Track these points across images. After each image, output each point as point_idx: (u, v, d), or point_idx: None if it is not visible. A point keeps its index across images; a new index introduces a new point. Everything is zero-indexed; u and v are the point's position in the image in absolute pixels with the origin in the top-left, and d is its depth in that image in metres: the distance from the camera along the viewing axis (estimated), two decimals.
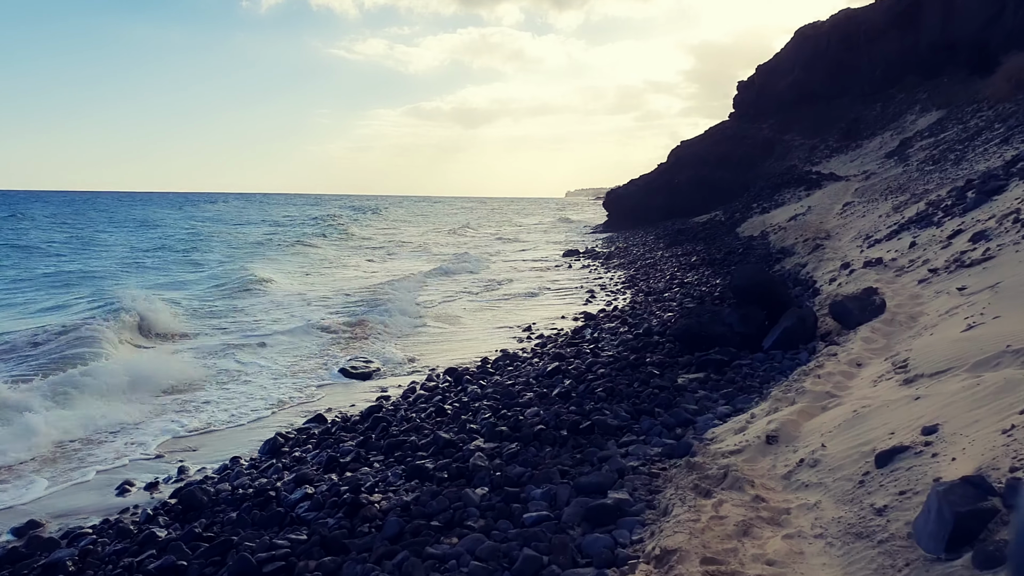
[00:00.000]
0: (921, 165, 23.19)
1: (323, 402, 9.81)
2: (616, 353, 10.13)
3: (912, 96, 39.12)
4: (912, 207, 15.88)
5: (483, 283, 24.10)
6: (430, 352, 12.87)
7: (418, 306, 18.28)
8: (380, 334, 14.46)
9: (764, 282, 8.83)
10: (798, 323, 8.22)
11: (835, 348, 7.05)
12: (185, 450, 7.89)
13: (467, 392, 8.90)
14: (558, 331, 14.04)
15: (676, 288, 18.18)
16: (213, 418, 8.96)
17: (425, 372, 11.18)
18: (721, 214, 32.69)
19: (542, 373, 9.25)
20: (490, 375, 10.08)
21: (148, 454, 7.73)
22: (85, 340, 12.33)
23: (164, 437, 8.31)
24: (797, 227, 21.42)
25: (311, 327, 14.65)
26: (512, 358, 11.04)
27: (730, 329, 8.75)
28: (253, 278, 22.54)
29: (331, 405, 9.48)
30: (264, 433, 8.10)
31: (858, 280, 10.47)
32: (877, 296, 8.35)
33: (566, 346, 12.01)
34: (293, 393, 10.23)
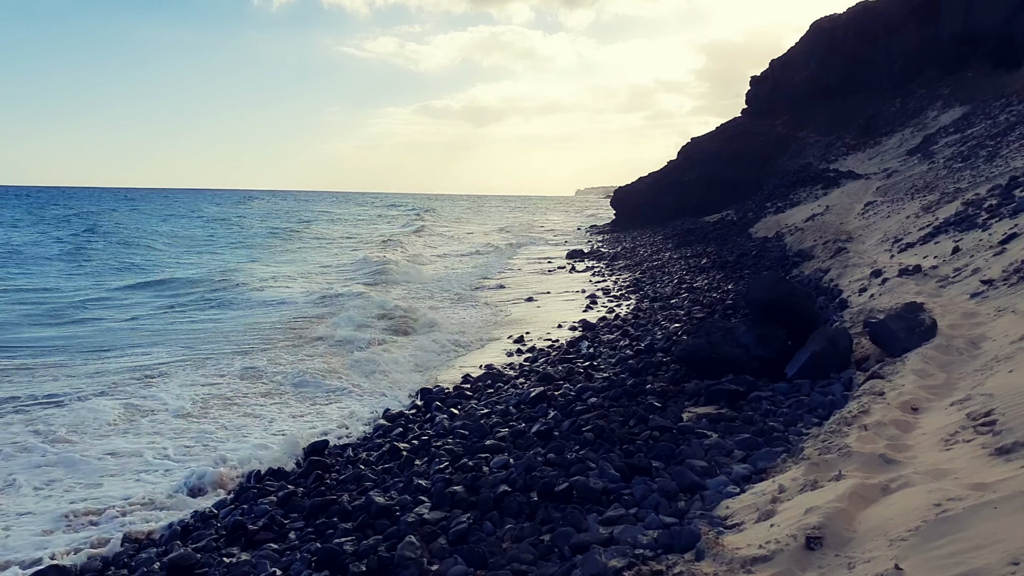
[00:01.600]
0: (948, 162, 21.65)
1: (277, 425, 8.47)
2: (613, 375, 8.76)
3: (933, 91, 37.43)
4: (946, 207, 14.39)
5: (476, 286, 22.73)
6: (401, 368, 11.49)
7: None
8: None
9: (786, 295, 7.42)
10: (829, 346, 6.81)
11: (879, 384, 5.64)
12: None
13: (434, 423, 7.55)
14: (552, 343, 12.68)
15: (684, 293, 16.77)
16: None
17: (397, 392, 9.85)
18: (733, 213, 31.19)
19: (525, 399, 7.90)
20: (467, 398, 8.74)
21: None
22: None
23: None
24: (815, 228, 19.94)
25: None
26: (496, 377, 9.68)
27: (746, 352, 7.35)
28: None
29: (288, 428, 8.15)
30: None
31: (894, 291, 9.04)
32: (925, 314, 6.93)
33: (558, 362, 10.65)
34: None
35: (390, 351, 12.33)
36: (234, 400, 9.38)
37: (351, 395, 9.75)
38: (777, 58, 49.25)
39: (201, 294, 19.96)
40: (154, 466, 6.85)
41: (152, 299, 19.39)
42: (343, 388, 10.04)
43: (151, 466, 6.86)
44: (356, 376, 10.68)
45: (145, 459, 7.05)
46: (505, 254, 35.00)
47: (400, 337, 13.93)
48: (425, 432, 7.28)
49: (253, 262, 29.37)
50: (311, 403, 9.39)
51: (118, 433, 7.89)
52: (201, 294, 19.96)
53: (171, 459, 7.11)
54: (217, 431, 8.07)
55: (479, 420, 7.24)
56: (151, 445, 7.51)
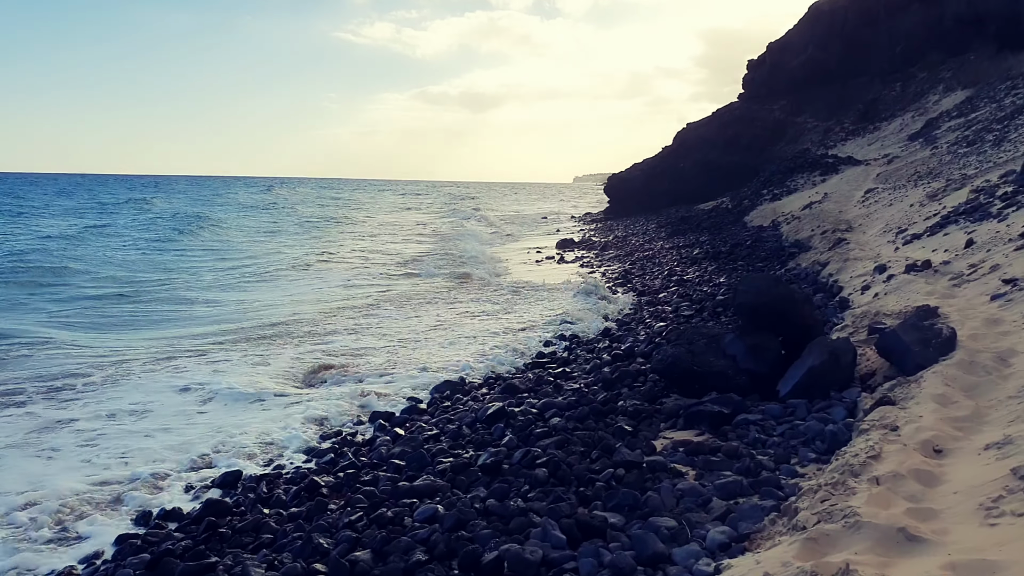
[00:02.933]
0: (953, 147, 20.61)
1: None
2: (584, 386, 7.75)
3: (935, 75, 36.32)
4: (953, 194, 13.37)
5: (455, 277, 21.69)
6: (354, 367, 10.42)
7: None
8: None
9: (780, 299, 6.39)
10: (829, 361, 5.79)
11: (891, 413, 4.62)
12: None
13: (373, 448, 6.54)
14: (527, 344, 11.69)
15: (674, 287, 15.76)
16: None
17: (350, 401, 8.81)
18: (728, 201, 30.13)
19: (481, 417, 6.89)
20: (419, 414, 7.72)
21: None
22: None
23: None
24: (813, 217, 18.91)
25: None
26: (456, 387, 8.65)
27: (733, 364, 6.33)
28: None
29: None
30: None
31: (902, 290, 8.03)
32: (940, 321, 5.91)
33: (530, 368, 9.65)
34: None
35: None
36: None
37: (291, 405, 8.65)
38: (775, 41, 48.02)
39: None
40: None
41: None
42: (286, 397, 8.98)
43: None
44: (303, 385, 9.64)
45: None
46: (492, 242, 33.90)
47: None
48: (361, 458, 6.27)
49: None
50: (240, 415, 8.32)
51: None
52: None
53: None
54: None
55: (422, 445, 6.23)
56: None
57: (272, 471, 6.29)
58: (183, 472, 6.39)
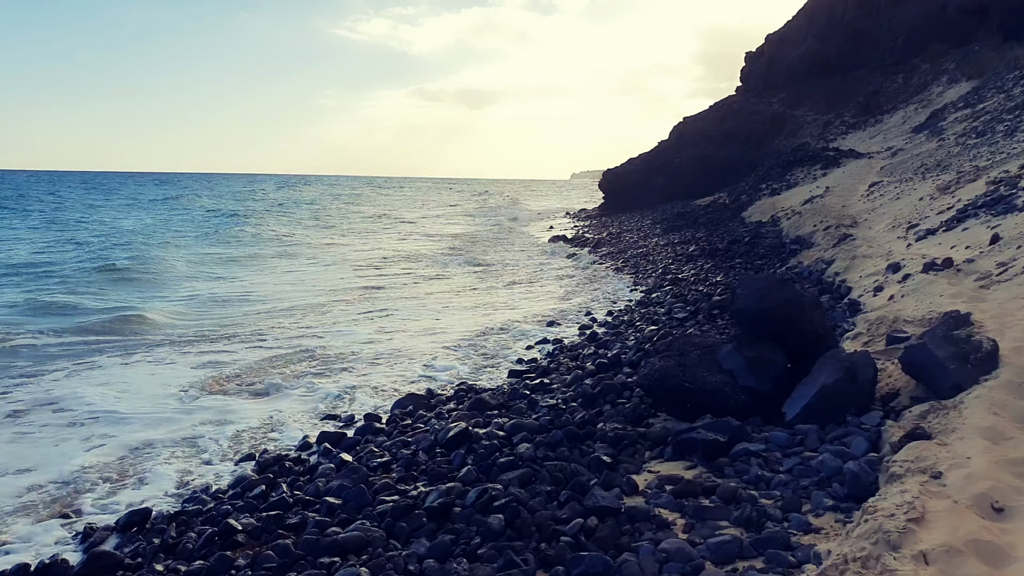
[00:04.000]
0: (961, 139, 19.68)
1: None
2: (562, 402, 6.84)
3: (938, 66, 35.37)
4: (968, 187, 12.45)
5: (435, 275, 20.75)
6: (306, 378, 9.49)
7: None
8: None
9: (786, 304, 5.47)
10: (845, 379, 4.87)
11: (929, 450, 3.70)
12: None
13: (313, 479, 5.62)
14: (510, 347, 10.80)
15: (668, 286, 14.86)
16: None
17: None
18: (725, 196, 29.19)
19: (442, 439, 5.97)
20: (375, 434, 6.80)
21: None
22: None
23: None
24: (815, 211, 18.00)
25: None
26: (420, 402, 7.73)
27: (730, 380, 5.41)
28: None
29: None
30: None
31: (922, 292, 7.11)
32: (975, 330, 5.00)
33: (509, 376, 8.76)
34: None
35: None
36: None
37: (228, 424, 7.68)
38: (773, 33, 47.06)
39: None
40: None
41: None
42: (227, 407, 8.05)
43: None
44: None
45: None
46: (486, 238, 32.96)
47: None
48: (296, 491, 5.35)
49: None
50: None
51: None
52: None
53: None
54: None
55: (367, 478, 5.31)
56: None
57: (192, 507, 5.36)
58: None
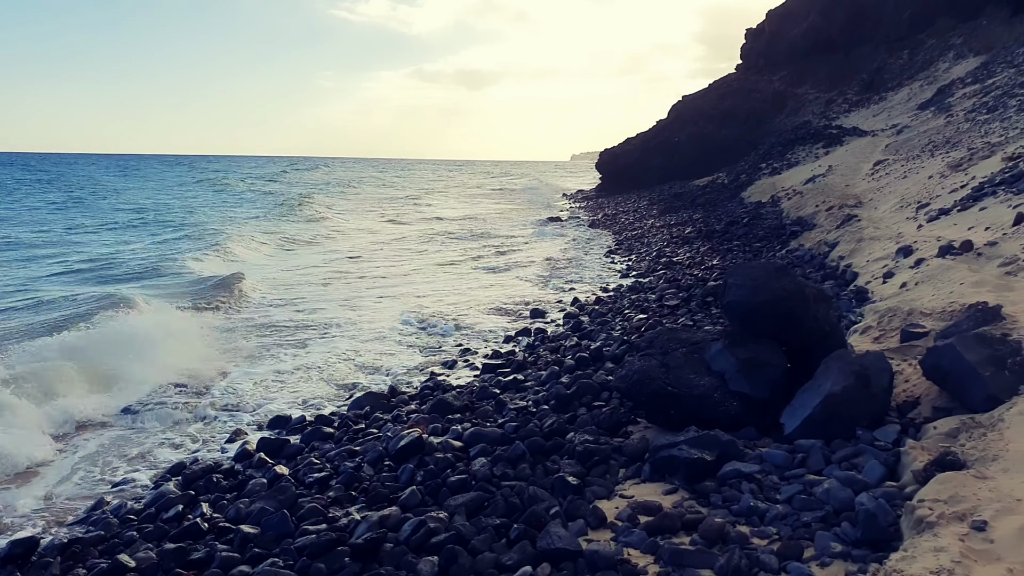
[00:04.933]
0: (971, 114, 18.79)
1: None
2: (533, 403, 6.08)
3: (945, 41, 34.33)
4: (981, 163, 11.61)
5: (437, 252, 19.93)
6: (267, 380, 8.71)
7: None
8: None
9: (786, 297, 4.67)
10: (855, 386, 4.09)
11: (965, 486, 2.93)
12: None
13: (239, 496, 4.86)
14: (485, 341, 10.05)
15: (662, 270, 14.08)
16: None
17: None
18: (724, 176, 28.30)
19: (392, 449, 5.22)
20: (323, 440, 6.04)
21: None
22: None
23: None
24: (817, 191, 17.15)
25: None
26: (379, 401, 6.96)
27: (720, 384, 4.63)
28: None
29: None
30: None
31: (939, 279, 6.32)
32: (1008, 326, 4.21)
33: (483, 372, 7.99)
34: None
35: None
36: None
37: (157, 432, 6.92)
38: (775, 8, 45.84)
39: None
40: None
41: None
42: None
43: None
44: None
45: None
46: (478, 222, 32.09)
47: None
48: (215, 514, 4.60)
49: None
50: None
51: None
52: None
53: None
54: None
55: (295, 499, 4.56)
56: None
57: (93, 533, 4.61)
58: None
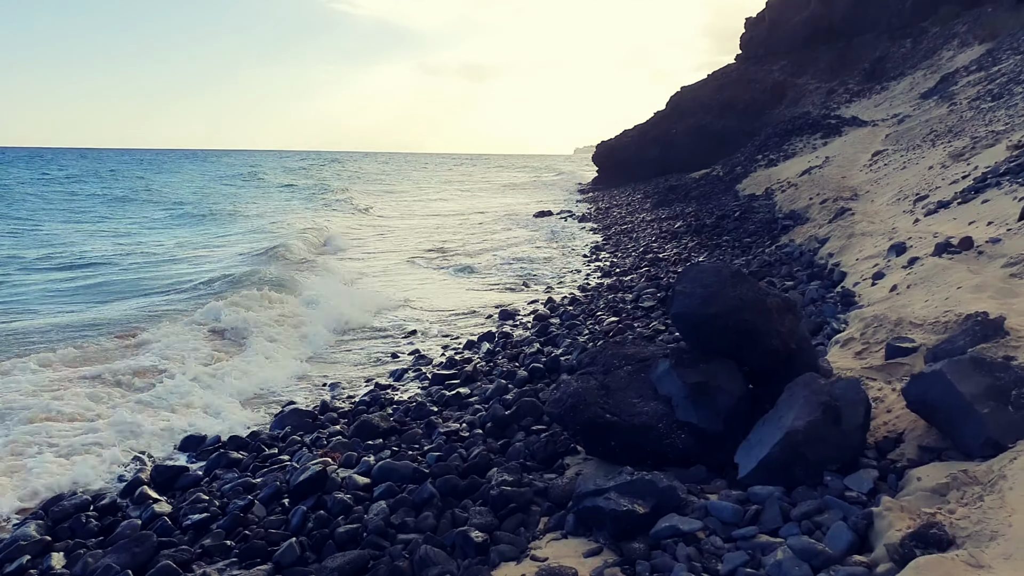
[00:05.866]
0: (975, 103, 17.92)
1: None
2: (467, 425, 5.33)
3: (949, 29, 33.37)
4: (984, 152, 10.80)
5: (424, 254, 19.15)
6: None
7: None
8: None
9: (743, 307, 3.88)
10: (823, 422, 3.31)
11: (955, 570, 2.14)
12: None
13: (105, 542, 4.13)
14: (451, 340, 9.31)
15: (646, 267, 13.33)
16: None
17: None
18: (720, 168, 27.45)
19: (294, 484, 4.47)
20: (228, 467, 5.29)
21: None
22: None
23: None
24: (812, 183, 16.33)
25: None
26: (303, 420, 6.20)
27: (667, 412, 3.86)
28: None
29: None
30: None
31: (933, 281, 5.53)
32: (1013, 343, 3.43)
33: (432, 380, 7.24)
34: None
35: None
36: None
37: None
38: None
39: None
40: None
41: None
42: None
43: None
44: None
45: None
46: (465, 215, 31.27)
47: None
48: (73, 562, 3.86)
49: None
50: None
51: None
52: None
53: None
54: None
55: (152, 550, 3.82)
56: None
57: None
58: None
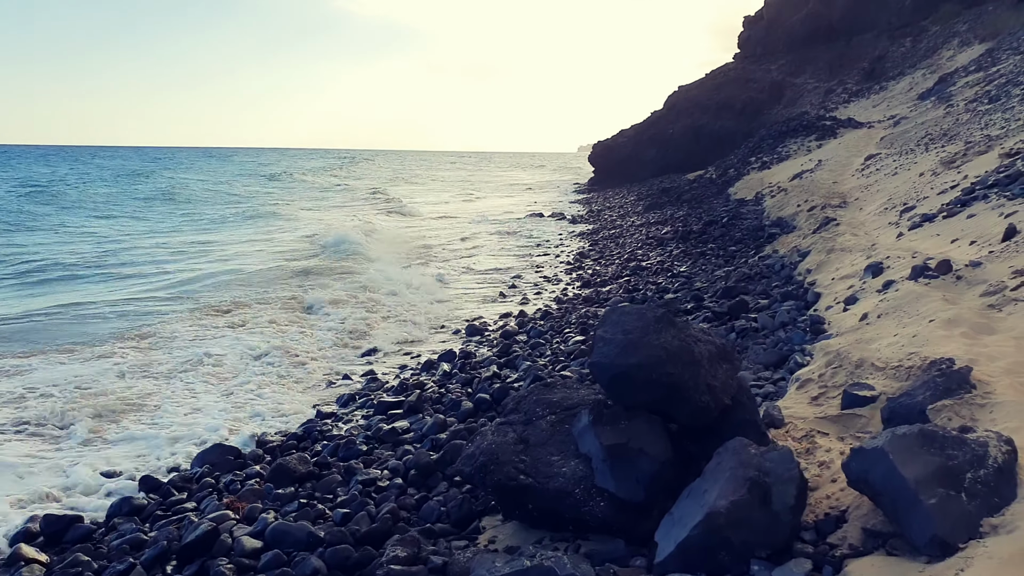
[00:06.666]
0: (972, 104, 17.37)
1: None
2: (389, 472, 4.84)
3: (949, 28, 32.79)
4: (976, 160, 10.28)
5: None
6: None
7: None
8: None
9: (668, 359, 3.36)
10: (750, 502, 2.81)
11: None
12: None
13: None
14: (409, 359, 8.81)
15: (627, 276, 12.83)
16: None
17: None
18: (713, 170, 26.91)
19: (181, 548, 4.00)
20: (130, 515, 4.81)
21: None
22: None
23: None
24: (802, 188, 15.80)
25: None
26: (225, 459, 5.73)
27: (585, 477, 3.36)
28: None
29: None
30: None
31: (906, 311, 5.03)
32: (977, 399, 2.93)
33: (375, 408, 6.76)
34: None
35: None
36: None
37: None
38: None
39: None
40: None
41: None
42: None
43: None
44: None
45: None
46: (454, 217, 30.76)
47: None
48: None
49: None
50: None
51: None
52: None
53: None
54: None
55: None
56: None
57: None
58: None
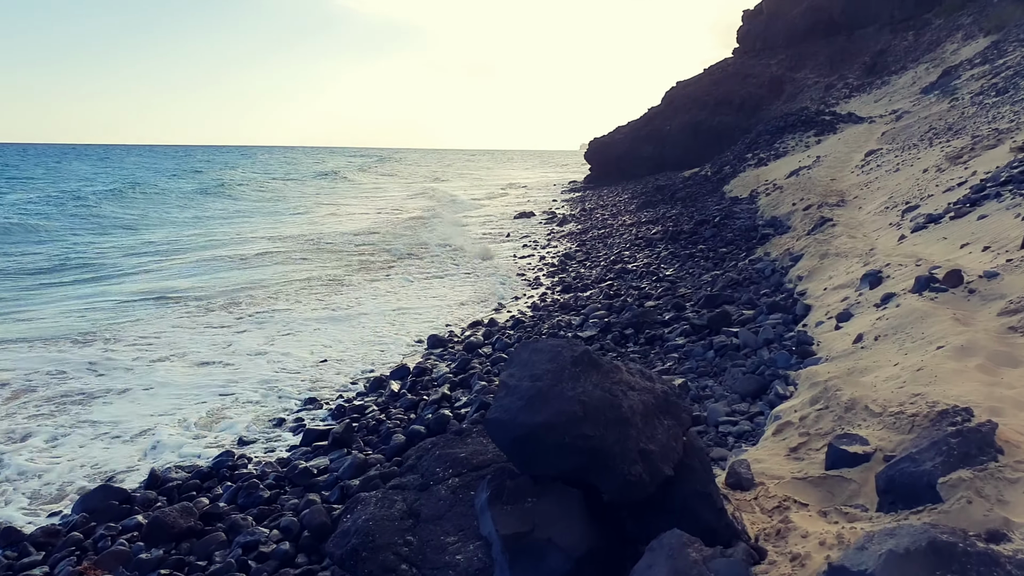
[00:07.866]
0: (978, 97, 16.49)
1: None
2: (281, 530, 4.01)
3: (953, 21, 31.87)
4: (985, 155, 9.41)
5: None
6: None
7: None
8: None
9: (584, 414, 2.52)
10: None
11: None
12: None
13: None
14: (353, 381, 7.98)
15: (610, 279, 12.00)
16: None
17: None
18: (708, 168, 26.02)
19: None
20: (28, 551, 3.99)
21: None
22: None
23: None
24: (798, 186, 14.94)
25: None
26: (106, 505, 4.90)
27: (480, 571, 2.53)
28: None
29: None
30: None
31: (908, 334, 4.18)
32: (1006, 469, 2.07)
33: (293, 443, 5.95)
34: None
35: None
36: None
37: None
38: None
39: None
40: None
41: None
42: None
43: None
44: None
45: None
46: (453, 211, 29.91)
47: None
48: None
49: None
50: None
51: None
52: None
53: None
54: None
55: None
56: None
57: None
58: None
